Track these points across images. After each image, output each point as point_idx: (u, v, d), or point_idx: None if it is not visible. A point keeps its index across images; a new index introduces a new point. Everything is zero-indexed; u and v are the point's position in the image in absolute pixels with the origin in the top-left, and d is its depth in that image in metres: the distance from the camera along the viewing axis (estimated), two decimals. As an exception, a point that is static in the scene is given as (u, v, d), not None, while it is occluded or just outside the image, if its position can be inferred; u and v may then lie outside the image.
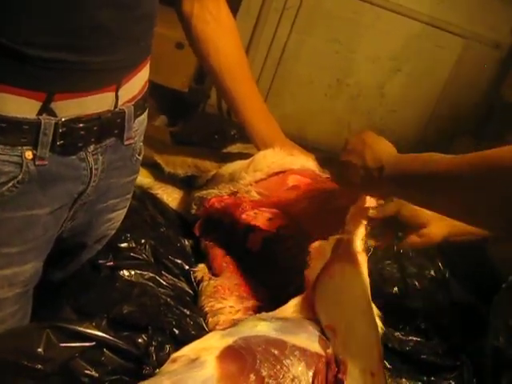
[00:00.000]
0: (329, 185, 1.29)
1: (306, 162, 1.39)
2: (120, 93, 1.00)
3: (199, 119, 2.33)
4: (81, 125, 0.95)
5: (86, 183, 1.03)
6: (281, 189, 1.30)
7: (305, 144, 2.21)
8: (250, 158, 1.39)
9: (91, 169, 1.01)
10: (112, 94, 0.98)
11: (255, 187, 1.31)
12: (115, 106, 1.00)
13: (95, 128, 0.98)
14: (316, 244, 1.12)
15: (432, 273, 1.56)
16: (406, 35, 2.68)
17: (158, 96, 2.46)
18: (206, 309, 1.20)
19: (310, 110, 2.80)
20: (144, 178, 1.52)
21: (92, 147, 1.00)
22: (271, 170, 1.34)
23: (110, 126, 1.01)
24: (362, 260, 1.12)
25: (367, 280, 1.09)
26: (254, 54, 2.69)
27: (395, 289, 1.45)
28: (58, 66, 0.88)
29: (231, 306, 1.19)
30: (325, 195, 1.27)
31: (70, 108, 0.93)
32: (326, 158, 1.98)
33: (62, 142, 0.94)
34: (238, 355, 0.91)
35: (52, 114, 0.91)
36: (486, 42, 2.68)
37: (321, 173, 1.39)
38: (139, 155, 1.16)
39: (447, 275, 1.62)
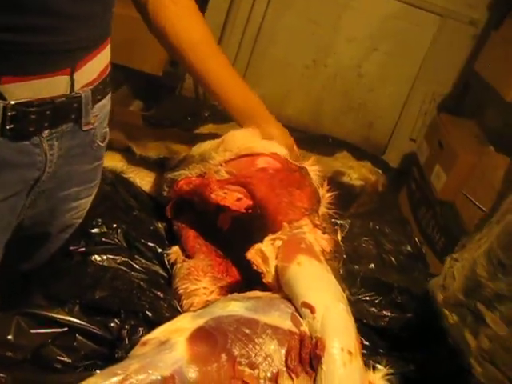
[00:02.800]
0: (296, 174, 1.28)
1: (279, 150, 1.36)
2: (76, 76, 0.96)
3: (173, 102, 2.31)
4: (32, 109, 0.91)
5: (42, 169, 0.99)
6: (249, 169, 1.28)
7: (282, 124, 2.20)
8: (220, 138, 1.37)
9: (46, 154, 0.98)
10: (66, 78, 0.95)
11: (225, 167, 1.30)
12: (71, 90, 0.97)
13: (48, 112, 0.94)
14: (252, 251, 1.11)
15: (409, 248, 1.56)
16: (382, 14, 2.66)
17: (132, 81, 2.43)
18: (180, 291, 1.19)
19: (287, 91, 2.77)
20: (116, 163, 1.50)
21: (46, 132, 0.96)
22: (241, 152, 1.32)
23: (65, 110, 0.97)
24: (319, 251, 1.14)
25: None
26: (229, 35, 2.66)
27: (371, 265, 1.45)
28: (4, 48, 0.84)
29: (205, 288, 1.19)
30: (288, 183, 1.26)
31: (20, 91, 0.89)
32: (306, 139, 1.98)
33: (11, 126, 0.90)
34: (208, 336, 0.90)
35: (1, 97, 0.88)
36: (461, 19, 2.67)
37: (293, 159, 1.37)
38: (102, 142, 1.12)
39: (424, 251, 1.62)
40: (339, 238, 1.23)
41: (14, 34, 0.84)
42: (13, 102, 0.89)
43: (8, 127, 0.90)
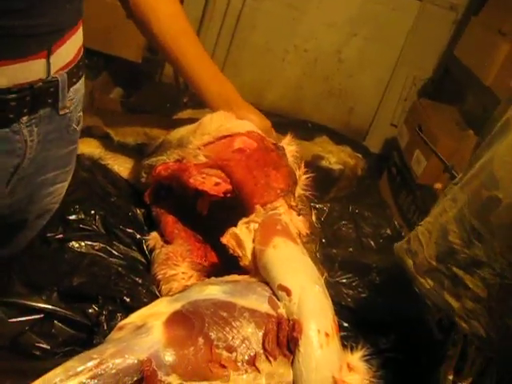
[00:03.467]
0: (273, 153, 1.29)
1: (255, 129, 1.36)
2: (52, 60, 0.94)
3: (153, 89, 2.30)
4: (11, 95, 0.90)
5: (22, 156, 0.98)
6: (227, 150, 1.28)
7: (263, 110, 2.19)
8: (197, 122, 1.36)
9: (26, 141, 0.97)
10: (43, 61, 0.93)
11: (203, 151, 1.29)
12: (48, 74, 0.95)
13: (27, 98, 0.93)
14: (227, 235, 1.12)
15: (388, 231, 1.57)
16: (362, -1, 2.66)
17: (112, 68, 2.42)
18: (159, 276, 1.19)
19: (268, 77, 2.77)
20: (94, 149, 1.49)
21: (25, 118, 0.95)
22: (219, 133, 1.32)
23: (43, 95, 0.96)
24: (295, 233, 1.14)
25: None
26: (208, 23, 2.65)
27: (350, 249, 1.45)
28: None
29: (184, 272, 1.19)
30: (265, 163, 1.26)
31: None
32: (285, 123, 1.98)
33: None
34: (185, 319, 0.90)
35: None
36: (441, 4, 2.68)
37: (270, 138, 1.37)
38: (77, 125, 1.11)
39: (404, 234, 1.63)
40: (314, 219, 1.23)
41: None
42: None
43: None
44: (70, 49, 1.00)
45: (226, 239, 1.11)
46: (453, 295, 1.07)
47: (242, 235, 1.10)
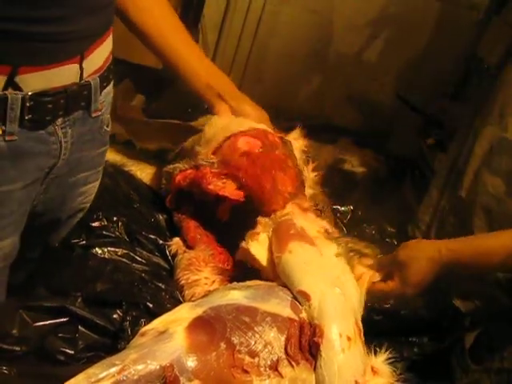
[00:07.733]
0: (278, 152, 1.29)
1: (255, 124, 1.36)
2: (84, 64, 0.99)
3: (174, 95, 2.31)
4: (48, 98, 0.95)
5: (57, 157, 1.03)
6: (233, 154, 1.28)
7: (285, 116, 2.18)
8: (201, 133, 1.38)
9: (61, 142, 1.02)
10: (76, 66, 0.98)
11: (215, 159, 1.30)
12: (81, 79, 1.00)
13: (62, 101, 0.98)
14: (240, 253, 1.16)
15: (412, 234, 1.56)
16: (381, 2, 2.65)
17: (133, 75, 2.43)
18: (182, 282, 1.20)
19: (290, 83, 2.76)
20: (117, 156, 1.51)
21: (60, 120, 1.00)
22: (221, 136, 1.33)
23: (76, 98, 1.01)
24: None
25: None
26: (228, 30, 2.64)
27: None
28: (19, 38, 0.87)
29: (206, 277, 1.19)
30: (271, 165, 1.26)
31: (35, 81, 0.92)
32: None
33: (30, 116, 0.94)
34: (207, 325, 0.90)
35: (17, 88, 0.91)
36: (461, 4, 2.66)
37: (271, 131, 1.36)
38: (107, 127, 1.16)
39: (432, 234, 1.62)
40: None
41: (26, 25, 0.87)
42: (30, 93, 0.92)
43: (27, 117, 0.94)
44: (101, 54, 1.05)
45: (240, 257, 1.14)
46: None
47: (251, 249, 1.11)
